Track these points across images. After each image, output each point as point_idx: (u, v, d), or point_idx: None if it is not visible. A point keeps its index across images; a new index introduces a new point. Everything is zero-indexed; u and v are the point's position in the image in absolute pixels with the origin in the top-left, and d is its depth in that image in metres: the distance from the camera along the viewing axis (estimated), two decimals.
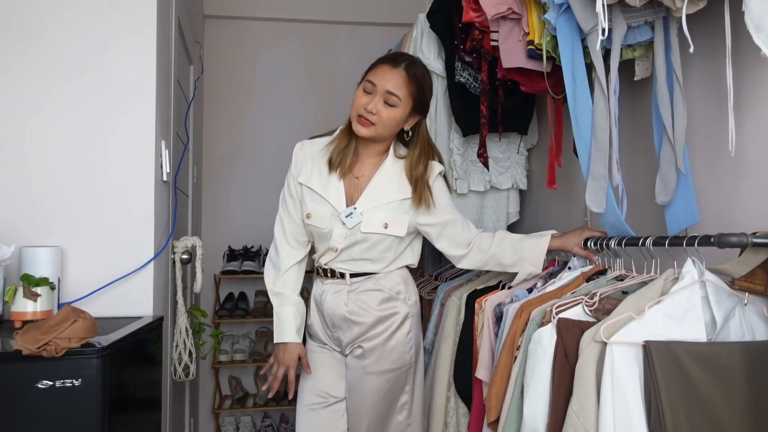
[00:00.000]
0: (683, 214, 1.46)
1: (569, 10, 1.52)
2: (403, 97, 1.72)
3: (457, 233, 1.82)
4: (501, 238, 1.81)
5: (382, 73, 1.72)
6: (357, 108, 1.72)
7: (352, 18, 3.77)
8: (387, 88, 1.70)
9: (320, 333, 1.89)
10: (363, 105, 1.71)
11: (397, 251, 1.83)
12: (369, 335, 1.80)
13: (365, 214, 1.76)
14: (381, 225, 1.76)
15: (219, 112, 3.72)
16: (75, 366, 1.36)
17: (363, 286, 1.81)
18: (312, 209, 1.79)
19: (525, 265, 1.76)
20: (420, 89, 1.75)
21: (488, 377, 1.62)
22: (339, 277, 1.82)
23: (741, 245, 1.17)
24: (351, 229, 1.75)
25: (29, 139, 1.86)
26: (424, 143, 1.82)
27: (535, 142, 2.52)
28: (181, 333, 2.14)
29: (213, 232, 3.64)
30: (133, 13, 1.91)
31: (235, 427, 3.55)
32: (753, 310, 1.23)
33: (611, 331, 1.17)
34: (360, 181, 1.80)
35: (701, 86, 1.52)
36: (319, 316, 1.89)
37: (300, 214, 1.82)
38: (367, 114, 1.70)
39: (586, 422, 1.15)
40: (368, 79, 1.72)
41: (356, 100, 1.73)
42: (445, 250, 1.86)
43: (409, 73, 1.72)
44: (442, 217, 1.81)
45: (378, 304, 1.80)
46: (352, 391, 1.84)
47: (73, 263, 1.85)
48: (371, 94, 1.71)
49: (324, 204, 1.78)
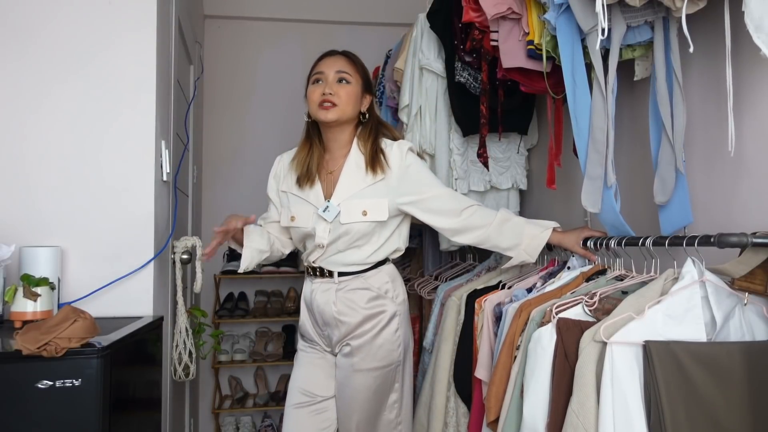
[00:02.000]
0: (677, 215, 1.46)
1: (569, 10, 1.52)
2: (353, 73, 1.84)
3: (444, 205, 1.82)
4: (504, 219, 1.80)
5: (326, 62, 1.85)
6: (315, 99, 1.82)
7: (352, 18, 3.77)
8: (336, 69, 1.82)
9: (311, 332, 1.92)
10: (319, 93, 1.81)
11: (383, 236, 1.84)
12: (356, 333, 1.82)
13: (342, 205, 1.80)
14: (359, 213, 1.78)
15: (219, 112, 3.72)
16: (75, 366, 1.35)
17: (351, 285, 1.83)
18: (295, 212, 1.87)
19: (521, 252, 1.78)
20: (363, 68, 1.90)
21: (488, 377, 1.62)
22: (327, 275, 1.85)
23: (741, 245, 1.17)
24: (332, 223, 1.80)
25: (29, 140, 1.86)
26: (374, 122, 1.91)
27: (535, 142, 2.52)
28: (181, 333, 2.14)
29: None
30: (133, 13, 1.91)
31: (235, 427, 3.55)
32: (753, 310, 1.23)
33: (611, 331, 1.17)
34: (333, 175, 1.86)
35: (701, 86, 1.52)
36: (310, 315, 1.91)
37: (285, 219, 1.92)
38: (327, 97, 1.79)
39: (585, 422, 1.15)
40: (315, 72, 1.84)
41: (311, 95, 1.84)
42: (436, 224, 1.84)
43: (349, 56, 1.88)
44: (423, 193, 1.81)
45: (365, 303, 1.82)
46: (342, 389, 1.86)
47: (73, 263, 1.85)
48: (322, 82, 1.82)
49: (305, 204, 1.86)
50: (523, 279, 1.86)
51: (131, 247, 1.88)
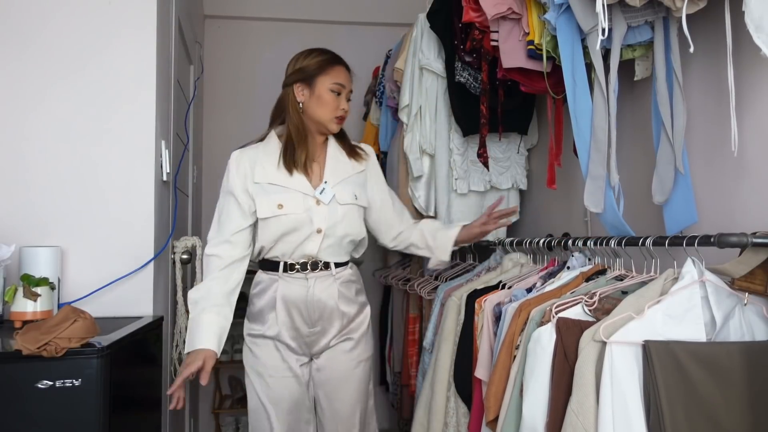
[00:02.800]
0: (682, 214, 1.46)
1: (569, 10, 1.53)
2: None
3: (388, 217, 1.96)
4: (422, 226, 1.98)
5: (345, 75, 1.86)
6: (333, 110, 1.82)
7: (352, 18, 3.77)
8: (350, 87, 1.87)
9: (288, 336, 1.81)
10: (338, 107, 1.83)
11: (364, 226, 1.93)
12: (353, 325, 1.86)
13: (336, 188, 1.82)
14: (352, 196, 1.84)
15: (219, 112, 3.72)
16: (75, 366, 1.36)
17: (344, 277, 1.85)
18: (281, 200, 1.77)
19: (435, 252, 1.96)
20: None
21: (488, 377, 1.62)
22: (323, 268, 1.81)
23: (741, 245, 1.17)
24: (329, 205, 1.79)
25: (29, 140, 1.86)
26: None
27: (535, 142, 2.52)
28: (181, 333, 2.14)
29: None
30: (133, 13, 1.92)
31: (235, 427, 3.55)
32: (753, 310, 1.23)
33: (611, 331, 1.17)
34: (317, 163, 1.86)
35: (701, 86, 1.52)
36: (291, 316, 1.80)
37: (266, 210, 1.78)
38: (343, 114, 1.84)
39: (585, 422, 1.15)
40: (336, 82, 1.82)
41: (328, 104, 1.81)
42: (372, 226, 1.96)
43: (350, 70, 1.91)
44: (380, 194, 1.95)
45: (355, 295, 1.88)
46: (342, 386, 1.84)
47: (73, 263, 1.85)
48: (339, 94, 1.83)
49: (291, 192, 1.78)
50: (523, 279, 1.86)
51: (131, 247, 1.88)
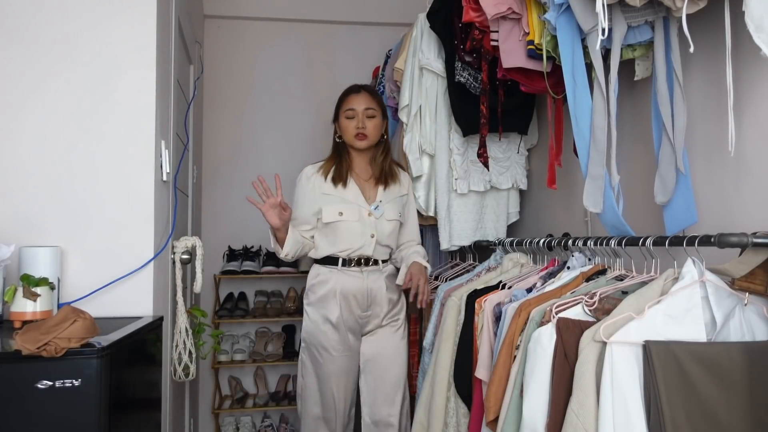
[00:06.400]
0: (682, 215, 1.46)
1: (569, 10, 1.53)
2: (376, 107, 2.30)
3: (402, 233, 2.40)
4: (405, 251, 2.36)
5: (356, 100, 2.29)
6: (351, 131, 2.28)
7: (352, 18, 3.77)
8: (364, 106, 2.27)
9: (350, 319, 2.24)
10: (353, 127, 2.27)
11: None
12: (396, 309, 2.33)
13: (386, 206, 2.29)
14: (396, 213, 2.31)
15: (219, 112, 3.72)
16: (75, 366, 1.35)
17: (388, 271, 2.33)
18: (342, 209, 2.25)
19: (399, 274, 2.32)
20: (380, 98, 2.38)
21: (488, 377, 1.62)
22: (373, 264, 2.28)
23: (741, 245, 1.17)
24: (378, 219, 2.26)
25: (29, 140, 1.86)
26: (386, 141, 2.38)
27: (535, 142, 2.52)
28: (181, 333, 2.13)
29: (213, 232, 3.63)
30: (133, 13, 1.91)
31: (235, 427, 3.55)
32: (753, 310, 1.23)
33: (611, 331, 1.17)
34: (369, 182, 2.33)
35: (701, 86, 1.52)
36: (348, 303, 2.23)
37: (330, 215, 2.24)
38: (361, 131, 2.26)
39: (585, 422, 1.15)
40: (348, 109, 2.29)
41: (347, 127, 2.29)
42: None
43: (369, 91, 2.33)
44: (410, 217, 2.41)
45: (393, 284, 2.32)
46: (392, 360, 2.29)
47: (73, 263, 1.84)
48: (354, 118, 2.27)
49: (347, 203, 2.26)
50: (523, 279, 1.86)
51: (131, 247, 1.88)
